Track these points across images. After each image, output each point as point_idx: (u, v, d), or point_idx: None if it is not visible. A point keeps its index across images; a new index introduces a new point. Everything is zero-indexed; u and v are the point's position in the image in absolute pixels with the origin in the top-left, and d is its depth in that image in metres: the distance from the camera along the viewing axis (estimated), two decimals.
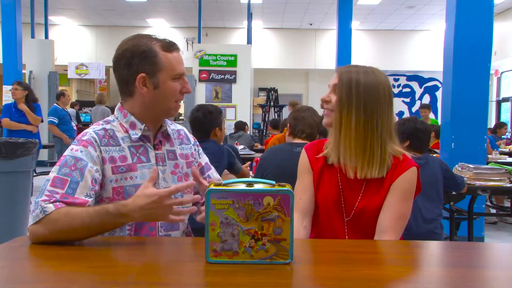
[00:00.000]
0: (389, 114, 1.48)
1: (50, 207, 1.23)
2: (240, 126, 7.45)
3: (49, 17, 11.21)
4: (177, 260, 1.16)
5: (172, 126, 1.60)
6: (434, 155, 3.74)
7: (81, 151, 1.35)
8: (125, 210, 1.21)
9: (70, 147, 1.38)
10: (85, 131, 1.44)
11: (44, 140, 9.59)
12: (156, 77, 1.40)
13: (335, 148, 1.50)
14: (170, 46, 1.43)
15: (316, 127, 2.78)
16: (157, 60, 1.40)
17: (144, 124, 1.45)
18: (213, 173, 1.69)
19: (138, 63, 1.39)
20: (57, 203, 1.25)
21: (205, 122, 2.94)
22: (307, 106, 2.95)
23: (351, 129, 1.45)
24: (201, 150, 1.69)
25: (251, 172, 3.44)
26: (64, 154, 1.36)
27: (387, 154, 1.47)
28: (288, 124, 2.85)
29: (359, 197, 1.50)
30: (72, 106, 10.31)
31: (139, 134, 1.44)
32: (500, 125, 8.42)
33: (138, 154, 1.44)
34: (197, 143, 1.69)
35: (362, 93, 1.45)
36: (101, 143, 1.40)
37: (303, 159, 1.61)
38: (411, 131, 2.93)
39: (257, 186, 1.08)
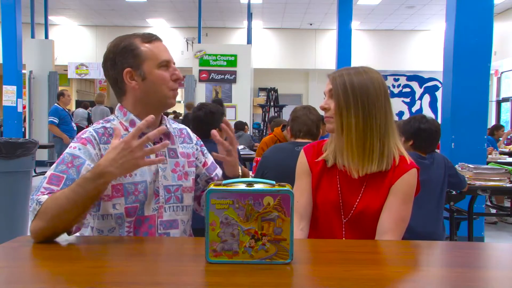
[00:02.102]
0: (386, 110, 1.48)
1: (45, 197, 1.23)
2: (240, 126, 7.46)
3: (49, 17, 11.21)
4: (177, 260, 1.16)
5: (174, 125, 1.60)
6: None
7: (79, 149, 1.36)
8: (100, 169, 1.20)
9: (69, 145, 1.39)
10: (85, 129, 1.45)
11: (44, 140, 9.62)
12: (141, 68, 1.42)
13: (339, 153, 1.51)
14: (149, 37, 1.46)
15: (314, 124, 2.80)
16: (138, 52, 1.42)
17: None
18: (219, 172, 1.69)
19: (121, 59, 1.42)
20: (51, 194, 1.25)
21: (205, 122, 2.93)
22: (304, 105, 2.98)
23: (352, 132, 1.46)
24: (205, 150, 1.68)
25: (251, 172, 3.45)
26: (64, 152, 1.37)
27: (387, 148, 1.48)
28: (289, 128, 2.89)
29: (358, 198, 1.50)
30: (85, 107, 10.30)
31: None
32: (497, 127, 8.39)
33: None
34: (201, 142, 1.68)
35: (358, 94, 1.45)
36: (101, 141, 1.40)
37: (302, 161, 1.61)
38: (414, 131, 2.88)
39: (257, 186, 1.08)
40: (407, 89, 13.95)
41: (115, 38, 1.49)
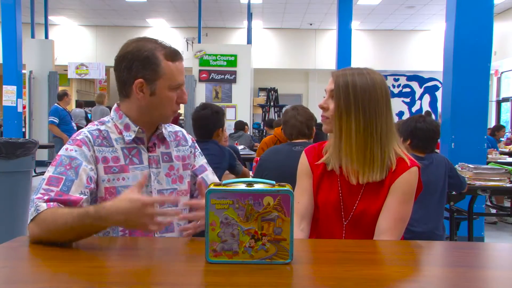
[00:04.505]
0: (387, 115, 1.47)
1: (43, 206, 1.23)
2: (240, 126, 7.45)
3: (49, 17, 11.20)
4: (177, 260, 1.16)
5: (170, 128, 1.60)
6: None
7: (76, 151, 1.36)
8: (104, 212, 1.17)
9: (64, 147, 1.39)
10: (79, 130, 1.45)
11: (44, 140, 9.61)
12: (154, 84, 1.39)
13: (336, 154, 1.49)
14: (174, 55, 1.42)
15: (303, 124, 2.78)
16: (158, 68, 1.38)
17: (138, 126, 1.45)
18: (208, 175, 1.64)
19: (138, 67, 1.38)
20: (50, 202, 1.25)
21: (210, 121, 2.91)
22: (292, 106, 2.94)
23: (351, 135, 1.45)
24: (198, 152, 1.66)
25: (250, 172, 3.44)
26: (59, 153, 1.37)
27: (387, 156, 1.46)
28: (282, 131, 2.92)
29: (358, 200, 1.49)
30: (80, 106, 10.29)
31: (133, 136, 1.44)
32: (498, 127, 8.38)
33: (130, 156, 1.44)
34: (195, 144, 1.66)
35: (359, 96, 1.44)
36: (95, 143, 1.40)
37: (303, 163, 1.60)
38: (411, 130, 2.87)
39: (257, 186, 1.08)
40: (407, 89, 13.93)
41: (139, 39, 1.43)
